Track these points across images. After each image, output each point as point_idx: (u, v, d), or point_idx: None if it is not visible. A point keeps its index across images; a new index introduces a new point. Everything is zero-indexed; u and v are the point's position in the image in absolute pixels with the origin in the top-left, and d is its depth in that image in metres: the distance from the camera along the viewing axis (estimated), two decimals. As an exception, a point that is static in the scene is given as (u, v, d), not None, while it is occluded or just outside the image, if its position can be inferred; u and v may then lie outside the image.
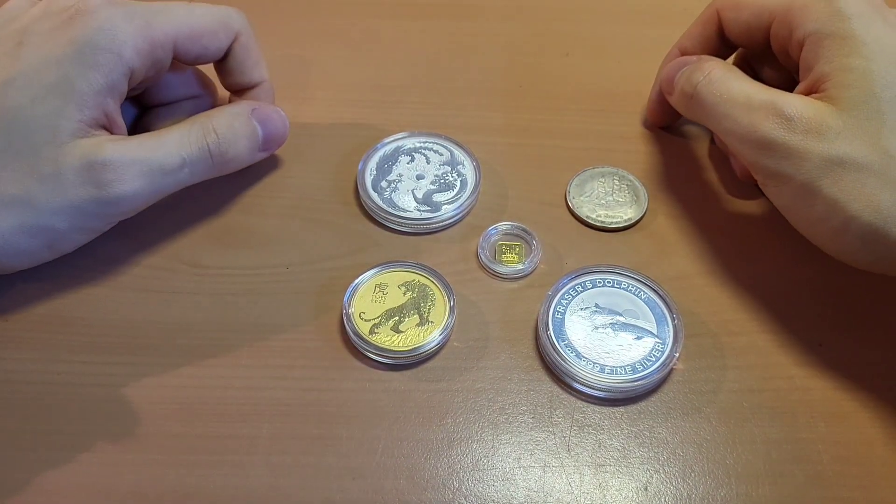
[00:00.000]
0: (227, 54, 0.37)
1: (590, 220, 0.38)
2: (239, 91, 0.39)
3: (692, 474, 0.30)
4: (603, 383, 0.31)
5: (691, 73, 0.36)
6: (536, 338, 0.33)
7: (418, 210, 0.37)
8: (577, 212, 0.38)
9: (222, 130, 0.35)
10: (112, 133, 0.33)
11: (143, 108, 0.39)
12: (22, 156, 0.31)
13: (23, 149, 0.31)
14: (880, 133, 0.30)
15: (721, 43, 0.38)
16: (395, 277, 0.35)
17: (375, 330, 0.33)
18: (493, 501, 0.29)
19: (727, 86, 0.34)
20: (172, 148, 0.33)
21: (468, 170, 0.39)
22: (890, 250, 0.30)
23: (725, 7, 0.37)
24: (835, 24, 0.32)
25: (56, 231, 0.32)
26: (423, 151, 0.40)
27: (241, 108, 0.37)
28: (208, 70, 0.39)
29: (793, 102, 0.32)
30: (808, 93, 0.32)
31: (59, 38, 0.32)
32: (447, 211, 0.37)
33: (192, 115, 0.37)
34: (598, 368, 0.32)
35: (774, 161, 0.32)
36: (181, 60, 0.36)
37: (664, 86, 0.38)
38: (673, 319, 0.33)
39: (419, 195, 0.38)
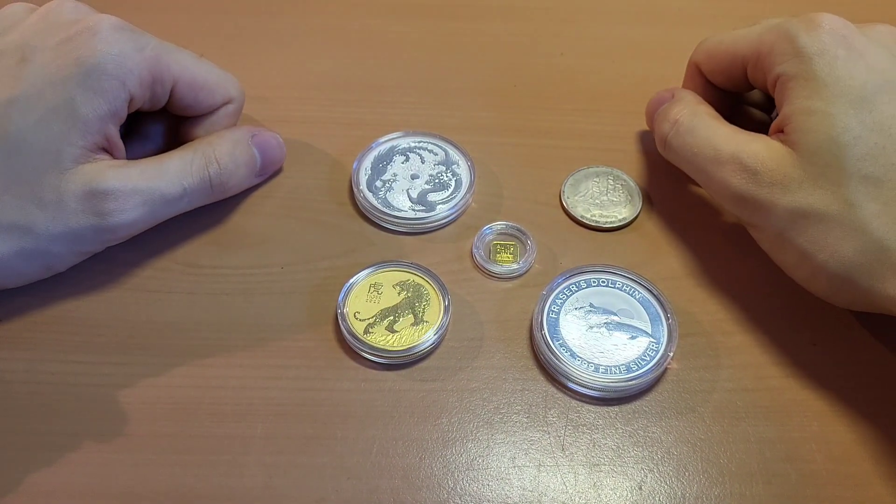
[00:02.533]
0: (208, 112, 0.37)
1: (584, 220, 0.38)
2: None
3: (686, 473, 0.30)
4: (597, 383, 0.31)
5: (661, 123, 0.37)
6: (531, 337, 0.33)
7: (413, 210, 0.37)
8: (572, 211, 0.38)
9: (224, 161, 0.35)
10: (112, 155, 0.33)
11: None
12: (23, 180, 0.31)
13: (24, 173, 0.31)
14: (840, 181, 0.30)
15: (715, 90, 0.38)
16: (390, 277, 0.35)
17: (370, 329, 0.33)
18: (488, 501, 0.29)
19: (694, 138, 0.35)
20: (174, 177, 0.34)
21: (463, 169, 0.39)
22: (861, 296, 0.30)
23: (700, 60, 0.38)
24: (798, 65, 0.32)
25: (54, 255, 0.32)
26: (417, 151, 0.40)
27: (242, 134, 0.37)
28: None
29: (756, 153, 0.32)
30: (777, 131, 0.33)
31: (64, 57, 0.31)
32: (442, 210, 0.37)
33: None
34: (592, 368, 0.32)
35: (748, 213, 0.33)
36: (171, 105, 0.36)
37: (648, 123, 0.39)
38: (667, 319, 0.33)
39: (414, 195, 0.38)
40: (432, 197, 0.38)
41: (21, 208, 0.31)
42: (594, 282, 0.35)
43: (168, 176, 0.33)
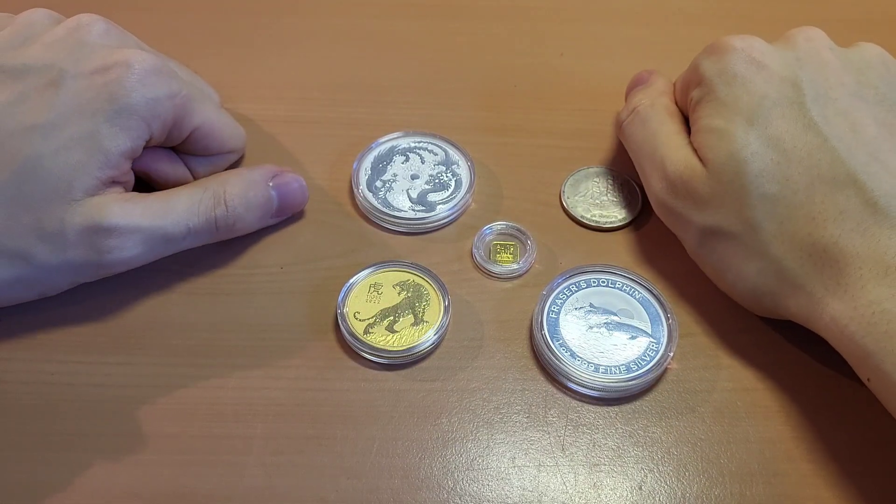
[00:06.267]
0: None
1: (584, 220, 0.38)
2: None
3: (686, 473, 0.30)
4: (597, 383, 0.31)
5: (625, 107, 0.38)
6: (531, 337, 0.33)
7: (413, 210, 0.37)
8: (572, 211, 0.38)
9: (234, 203, 0.34)
10: (123, 188, 0.33)
11: None
12: (31, 208, 0.30)
13: (33, 200, 0.30)
14: (742, 201, 0.31)
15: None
16: (390, 277, 0.35)
17: (370, 330, 0.33)
18: (488, 501, 0.29)
19: (644, 131, 0.36)
20: (180, 216, 0.33)
21: (463, 169, 0.39)
22: (770, 311, 0.32)
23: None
24: (701, 90, 0.34)
25: (50, 285, 0.32)
26: (417, 151, 0.40)
27: (260, 175, 0.36)
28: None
29: (677, 163, 0.33)
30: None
31: (97, 89, 0.31)
32: (442, 211, 0.37)
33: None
34: (592, 368, 0.32)
35: (670, 222, 0.35)
36: (180, 147, 0.35)
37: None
38: (667, 319, 0.33)
39: (414, 195, 0.38)
40: (432, 197, 0.38)
41: (23, 237, 0.30)
42: (594, 282, 0.35)
43: (173, 215, 0.33)
